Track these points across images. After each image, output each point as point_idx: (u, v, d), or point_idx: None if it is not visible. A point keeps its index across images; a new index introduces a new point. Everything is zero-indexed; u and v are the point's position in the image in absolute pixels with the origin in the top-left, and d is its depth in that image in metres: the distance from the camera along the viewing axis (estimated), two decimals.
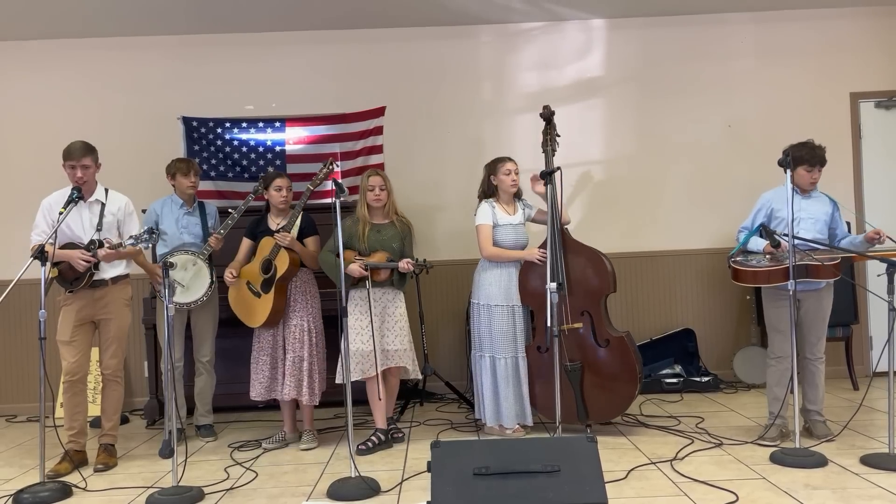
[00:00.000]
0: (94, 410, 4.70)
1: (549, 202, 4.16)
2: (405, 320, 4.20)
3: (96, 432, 4.15)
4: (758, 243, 3.93)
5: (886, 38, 5.74)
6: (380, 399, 4.08)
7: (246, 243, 4.36)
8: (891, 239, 3.74)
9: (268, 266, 4.19)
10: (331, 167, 4.29)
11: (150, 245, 4.01)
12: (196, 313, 4.52)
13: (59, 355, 3.95)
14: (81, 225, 3.92)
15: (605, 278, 4.17)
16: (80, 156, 3.85)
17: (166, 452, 3.59)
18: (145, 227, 3.85)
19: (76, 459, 3.90)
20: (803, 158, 3.86)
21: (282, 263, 4.15)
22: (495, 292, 4.21)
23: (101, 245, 3.80)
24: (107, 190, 4.04)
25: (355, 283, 4.09)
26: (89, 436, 4.11)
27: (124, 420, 5.04)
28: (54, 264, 3.84)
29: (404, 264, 3.99)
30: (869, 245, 3.82)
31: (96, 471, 3.88)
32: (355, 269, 4.00)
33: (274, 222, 4.32)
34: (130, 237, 3.82)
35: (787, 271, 3.65)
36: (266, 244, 4.24)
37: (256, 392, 4.23)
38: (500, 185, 4.30)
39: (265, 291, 4.20)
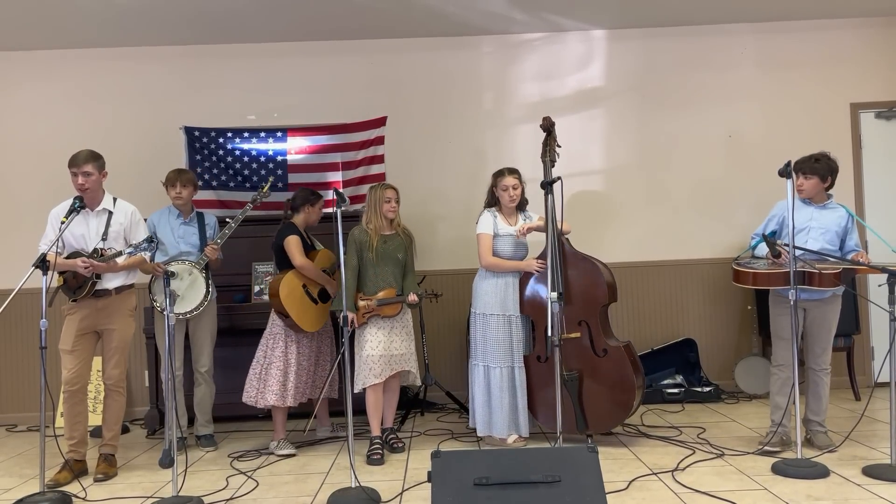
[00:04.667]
0: (95, 420, 4.70)
1: (549, 212, 4.16)
2: (410, 326, 4.30)
3: (97, 442, 4.15)
4: (763, 249, 3.95)
5: (886, 48, 5.76)
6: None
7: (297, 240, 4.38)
8: (868, 264, 3.74)
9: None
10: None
11: (150, 253, 4.02)
12: (194, 323, 4.51)
13: (60, 364, 3.96)
14: (88, 234, 3.93)
15: (603, 288, 4.17)
16: (83, 162, 3.86)
17: (166, 462, 3.58)
18: (144, 236, 3.86)
19: (76, 469, 3.89)
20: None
21: (335, 281, 4.46)
22: (491, 301, 4.22)
23: (101, 255, 3.82)
24: (115, 199, 4.05)
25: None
26: (90, 445, 4.10)
27: (124, 430, 5.03)
28: (60, 273, 3.86)
29: (411, 298, 4.20)
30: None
31: (96, 480, 3.87)
32: (352, 318, 4.06)
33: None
34: (129, 245, 3.83)
35: (786, 276, 3.67)
36: (324, 257, 4.49)
37: (294, 399, 4.29)
38: (500, 198, 4.33)
39: (323, 301, 4.41)
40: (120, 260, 3.87)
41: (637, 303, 5.68)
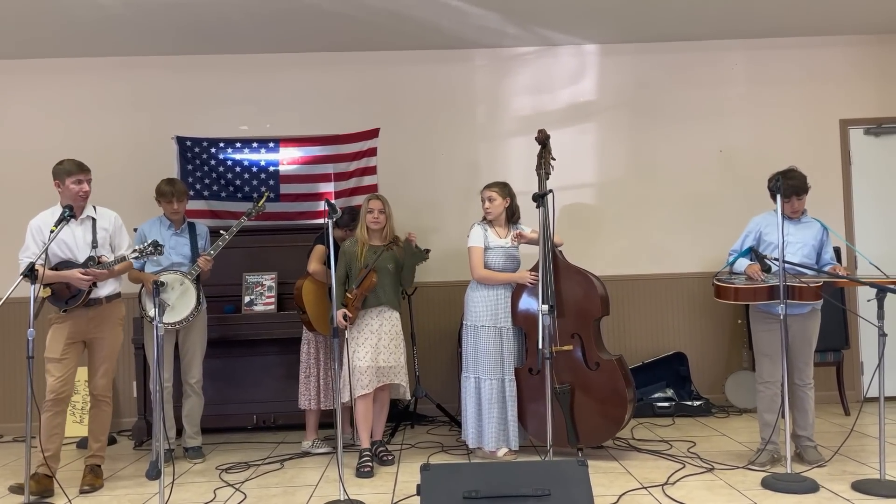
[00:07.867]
0: (81, 431, 4.66)
1: (541, 225, 4.17)
2: (401, 338, 4.28)
3: (83, 453, 4.10)
4: (741, 264, 3.97)
5: (875, 65, 5.82)
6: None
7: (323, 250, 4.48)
8: (858, 279, 3.78)
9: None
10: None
11: (145, 258, 3.98)
12: (184, 334, 4.48)
13: (45, 374, 3.86)
14: (75, 243, 3.89)
15: (596, 301, 4.17)
16: (88, 170, 3.89)
17: (153, 474, 3.55)
18: (148, 242, 3.81)
19: (43, 485, 3.70)
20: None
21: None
22: (483, 313, 4.22)
23: (98, 262, 3.79)
24: (95, 206, 4.02)
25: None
26: (76, 457, 4.05)
27: (111, 441, 4.97)
28: (48, 285, 3.80)
29: (410, 236, 4.24)
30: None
31: (82, 492, 3.83)
32: (340, 320, 4.02)
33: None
34: (134, 250, 3.83)
35: (770, 290, 3.69)
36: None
37: (323, 402, 4.54)
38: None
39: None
40: (115, 265, 3.85)
41: (627, 316, 5.69)
